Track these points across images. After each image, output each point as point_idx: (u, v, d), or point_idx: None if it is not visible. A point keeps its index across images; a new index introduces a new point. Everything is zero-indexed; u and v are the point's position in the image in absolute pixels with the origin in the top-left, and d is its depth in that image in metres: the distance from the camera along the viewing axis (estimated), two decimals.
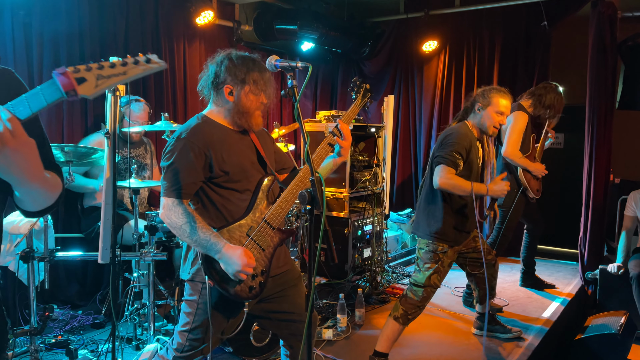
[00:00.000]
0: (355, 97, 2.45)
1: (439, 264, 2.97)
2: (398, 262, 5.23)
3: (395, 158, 6.33)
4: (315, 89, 6.69)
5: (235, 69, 2.01)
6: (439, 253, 2.97)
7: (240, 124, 2.09)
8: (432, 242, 2.98)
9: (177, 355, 2.07)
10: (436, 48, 5.95)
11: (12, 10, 3.58)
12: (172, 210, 1.94)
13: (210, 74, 2.05)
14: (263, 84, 2.05)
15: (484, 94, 3.01)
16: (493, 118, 2.96)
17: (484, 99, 2.99)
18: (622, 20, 4.90)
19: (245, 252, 1.93)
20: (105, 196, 2.78)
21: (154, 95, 4.51)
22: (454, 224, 2.98)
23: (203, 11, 4.79)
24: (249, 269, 1.93)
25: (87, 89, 1.16)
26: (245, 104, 2.04)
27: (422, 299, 2.96)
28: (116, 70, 1.19)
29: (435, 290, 3.02)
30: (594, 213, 4.67)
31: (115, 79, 1.19)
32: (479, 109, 3.00)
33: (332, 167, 2.27)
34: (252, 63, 2.04)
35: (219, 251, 1.91)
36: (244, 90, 2.02)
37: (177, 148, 1.97)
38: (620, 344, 3.51)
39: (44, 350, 3.14)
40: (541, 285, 4.59)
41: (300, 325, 2.18)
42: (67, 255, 3.14)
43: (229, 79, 2.01)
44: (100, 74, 1.17)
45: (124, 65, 1.20)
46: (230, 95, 2.03)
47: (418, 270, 3.03)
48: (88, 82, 1.16)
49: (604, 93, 4.60)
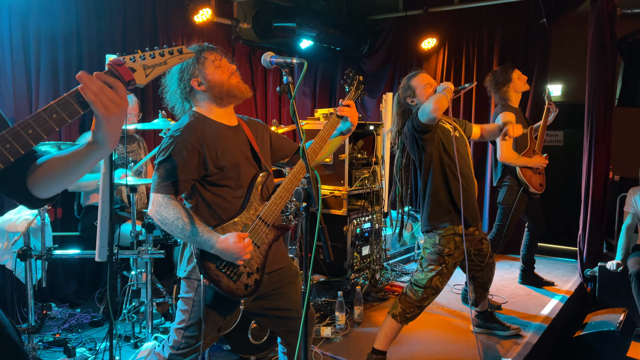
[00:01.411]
0: (348, 90, 2.43)
1: (443, 266, 2.92)
2: (397, 260, 5.23)
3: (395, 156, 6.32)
4: (314, 87, 6.69)
5: (185, 67, 2.03)
6: (445, 255, 2.91)
7: (228, 100, 2.09)
8: (438, 242, 2.92)
9: (173, 352, 2.07)
10: (435, 45, 5.94)
11: (9, 9, 3.58)
12: (162, 206, 1.93)
13: (173, 85, 2.08)
14: (216, 56, 2.06)
15: (405, 88, 3.01)
16: (426, 92, 2.94)
17: (408, 90, 2.99)
18: (622, 17, 4.89)
19: (238, 236, 1.92)
20: (102, 194, 2.78)
21: (152, 93, 4.50)
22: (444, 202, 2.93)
23: (201, 9, 4.78)
24: (249, 248, 1.93)
25: (140, 78, 1.28)
26: (215, 80, 2.04)
27: (421, 299, 2.93)
28: (157, 60, 1.31)
29: (437, 293, 2.96)
30: (593, 210, 4.67)
31: (159, 68, 1.31)
32: (412, 101, 2.99)
33: (340, 142, 2.38)
34: (193, 48, 2.04)
35: (213, 245, 1.90)
36: (204, 71, 2.03)
37: (171, 146, 1.96)
38: (620, 341, 3.51)
39: (42, 349, 3.14)
40: (540, 283, 4.59)
41: (297, 322, 2.17)
42: (65, 254, 3.13)
43: (189, 76, 2.03)
44: (144, 64, 1.28)
45: (162, 55, 1.32)
46: (200, 86, 2.04)
47: (420, 270, 2.98)
48: (138, 72, 1.27)
49: (604, 90, 4.59)
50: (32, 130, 1.12)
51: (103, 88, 1.18)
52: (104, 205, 2.77)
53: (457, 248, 2.94)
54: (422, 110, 2.78)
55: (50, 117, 1.15)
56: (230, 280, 1.97)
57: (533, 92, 5.13)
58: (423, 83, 2.97)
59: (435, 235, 2.95)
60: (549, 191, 4.45)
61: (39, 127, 1.13)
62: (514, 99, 4.14)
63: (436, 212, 2.93)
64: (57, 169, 1.30)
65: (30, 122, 1.13)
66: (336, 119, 2.28)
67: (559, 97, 6.42)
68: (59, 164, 1.30)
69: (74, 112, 1.18)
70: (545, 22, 5.02)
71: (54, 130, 1.16)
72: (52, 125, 1.15)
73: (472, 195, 3.00)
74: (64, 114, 1.16)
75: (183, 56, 1.35)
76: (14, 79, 3.65)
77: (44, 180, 1.32)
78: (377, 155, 4.49)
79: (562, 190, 5.91)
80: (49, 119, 1.14)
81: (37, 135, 1.13)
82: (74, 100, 1.17)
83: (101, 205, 2.79)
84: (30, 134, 1.12)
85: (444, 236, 2.92)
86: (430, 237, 2.98)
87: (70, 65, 3.93)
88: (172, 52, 1.33)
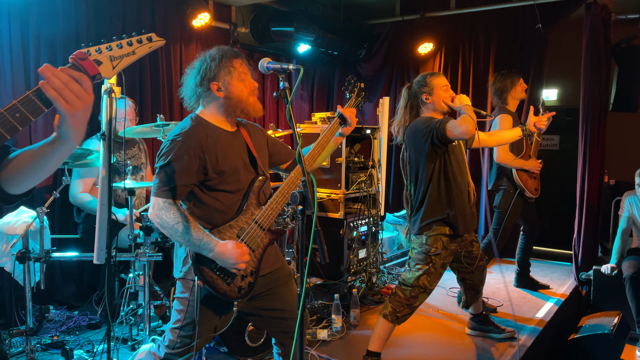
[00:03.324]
0: (349, 96, 2.48)
1: (430, 266, 2.94)
2: (393, 263, 5.26)
3: (391, 160, 6.35)
4: (311, 91, 6.72)
5: (213, 64, 2.04)
6: (432, 255, 2.94)
7: (238, 114, 2.12)
8: (425, 242, 2.95)
9: (168, 351, 2.09)
10: (432, 50, 5.98)
11: (9, 13, 3.60)
12: (163, 210, 1.95)
13: (192, 80, 2.08)
14: (244, 69, 2.09)
15: (422, 83, 3.05)
16: (444, 96, 3.00)
17: (425, 87, 3.03)
18: (616, 23, 4.93)
19: (236, 245, 1.95)
20: (100, 197, 2.80)
21: (150, 97, 4.52)
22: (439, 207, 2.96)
23: (199, 13, 4.80)
24: (245, 257, 1.95)
25: (106, 71, 1.20)
26: (235, 93, 2.06)
27: (410, 297, 2.94)
28: (124, 50, 1.23)
29: (427, 293, 2.98)
30: (588, 214, 4.70)
31: (127, 59, 1.23)
32: (427, 98, 3.03)
33: (334, 147, 2.42)
34: (226, 53, 2.07)
35: (211, 250, 1.93)
36: (229, 81, 2.05)
37: (172, 150, 1.98)
38: (614, 344, 3.54)
39: (40, 351, 3.15)
40: (535, 286, 4.61)
41: (291, 323, 2.20)
42: (63, 256, 3.15)
43: (212, 77, 2.04)
44: (111, 55, 1.21)
45: (130, 44, 1.23)
46: (219, 91, 2.06)
47: (408, 270, 3.01)
48: (104, 65, 1.20)
49: (598, 95, 4.64)
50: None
51: (68, 82, 1.14)
52: (102, 209, 2.79)
53: (445, 249, 2.96)
54: (452, 127, 2.79)
55: (14, 116, 1.12)
56: (224, 283, 2.00)
57: (528, 97, 5.17)
58: (443, 85, 3.02)
59: (422, 235, 2.98)
60: (545, 195, 4.49)
61: (2, 127, 1.11)
62: (511, 104, 4.21)
63: (430, 216, 2.96)
64: (25, 164, 1.27)
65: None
66: (335, 126, 2.32)
67: (555, 101, 6.47)
68: (26, 160, 1.27)
69: (37, 110, 1.14)
70: (541, 27, 5.06)
71: (17, 129, 1.13)
72: (15, 124, 1.12)
73: (466, 203, 3.03)
74: (27, 113, 1.13)
75: (152, 44, 1.28)
76: (13, 82, 3.67)
77: (14, 176, 1.28)
78: (374, 159, 4.52)
79: (557, 194, 5.95)
80: (12, 119, 1.12)
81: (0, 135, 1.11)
82: (36, 98, 1.14)
83: (99, 209, 2.81)
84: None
85: (430, 236, 2.95)
86: (418, 238, 3.01)
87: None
88: (140, 41, 1.25)
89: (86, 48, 1.19)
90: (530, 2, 5.04)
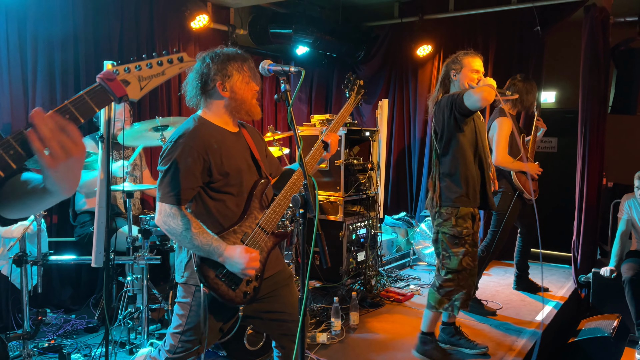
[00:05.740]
0: (349, 95, 2.47)
1: (467, 246, 3.00)
2: (392, 266, 5.24)
3: (390, 162, 6.35)
4: (310, 93, 6.71)
5: (219, 64, 2.02)
6: (465, 236, 2.98)
7: (241, 116, 2.10)
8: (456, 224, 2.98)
9: (169, 356, 2.07)
10: (430, 52, 5.98)
11: (6, 13, 3.58)
12: (170, 217, 1.93)
13: (196, 78, 2.05)
14: (249, 71, 2.08)
15: (455, 60, 3.12)
16: (470, 77, 3.03)
17: (456, 64, 3.09)
18: (615, 26, 4.95)
19: (246, 249, 1.94)
20: (98, 200, 2.78)
21: (148, 99, 4.51)
22: (471, 184, 3.02)
23: (198, 15, 4.79)
24: (255, 264, 1.94)
25: (134, 92, 1.13)
26: (240, 94, 2.05)
27: (461, 282, 3.02)
28: (154, 70, 1.16)
29: (474, 273, 3.07)
30: (587, 216, 4.70)
31: (156, 79, 1.17)
32: (454, 75, 3.08)
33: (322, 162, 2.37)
34: (232, 55, 2.06)
35: (221, 254, 1.91)
36: (235, 82, 2.04)
37: (174, 152, 1.95)
38: (613, 347, 3.54)
39: (37, 355, 3.12)
40: (534, 289, 4.60)
41: (291, 325, 2.18)
42: (61, 259, 3.13)
43: (217, 76, 2.02)
44: (140, 75, 1.14)
45: (160, 64, 1.17)
46: (224, 91, 2.04)
47: (447, 257, 3.03)
48: (132, 85, 1.13)
49: (597, 97, 4.64)
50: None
51: (55, 132, 1.00)
52: (100, 211, 2.77)
53: (474, 224, 3.04)
54: (468, 95, 2.82)
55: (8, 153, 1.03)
56: (229, 289, 1.98)
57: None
58: (473, 66, 3.06)
59: (451, 217, 3.01)
60: (543, 197, 4.48)
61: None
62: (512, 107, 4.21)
63: (458, 192, 2.98)
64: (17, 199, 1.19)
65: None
66: (319, 152, 2.29)
67: (553, 104, 6.47)
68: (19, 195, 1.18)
69: (18, 158, 1.02)
70: (539, 29, 5.07)
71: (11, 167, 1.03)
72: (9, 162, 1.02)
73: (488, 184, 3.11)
74: (7, 157, 1.01)
75: (183, 65, 1.22)
76: (10, 82, 3.64)
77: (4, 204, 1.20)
78: (373, 161, 4.51)
79: (556, 197, 5.95)
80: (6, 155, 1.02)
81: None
82: (19, 145, 1.02)
83: (97, 211, 2.79)
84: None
85: (459, 218, 2.99)
86: (446, 220, 3.02)
87: (67, 69, 3.93)
88: (171, 61, 1.18)
89: (115, 67, 1.11)
90: (528, 5, 5.05)
